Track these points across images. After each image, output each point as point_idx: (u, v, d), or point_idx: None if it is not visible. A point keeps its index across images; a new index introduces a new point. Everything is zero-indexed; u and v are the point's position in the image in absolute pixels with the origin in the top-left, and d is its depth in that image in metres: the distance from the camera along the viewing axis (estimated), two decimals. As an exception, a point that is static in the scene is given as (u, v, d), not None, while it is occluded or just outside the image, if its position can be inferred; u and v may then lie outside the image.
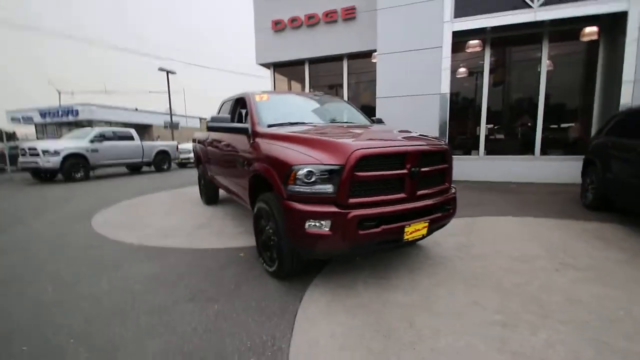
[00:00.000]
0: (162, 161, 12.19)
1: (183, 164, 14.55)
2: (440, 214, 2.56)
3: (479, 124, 7.59)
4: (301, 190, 2.21)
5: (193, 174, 10.64)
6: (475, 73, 7.92)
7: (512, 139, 7.77)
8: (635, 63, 5.88)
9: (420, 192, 2.44)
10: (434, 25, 7.02)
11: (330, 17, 8.28)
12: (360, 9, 8.04)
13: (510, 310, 2.12)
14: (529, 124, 7.46)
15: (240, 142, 3.30)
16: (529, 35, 7.17)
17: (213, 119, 3.19)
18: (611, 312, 2.08)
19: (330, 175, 2.16)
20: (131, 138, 10.98)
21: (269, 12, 8.88)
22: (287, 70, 9.71)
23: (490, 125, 7.80)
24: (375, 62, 7.72)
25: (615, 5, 5.92)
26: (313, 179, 2.17)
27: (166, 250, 3.42)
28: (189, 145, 14.65)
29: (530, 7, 6.44)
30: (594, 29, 6.72)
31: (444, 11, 6.92)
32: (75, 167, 9.25)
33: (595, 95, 6.86)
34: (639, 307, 2.12)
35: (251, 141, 3.03)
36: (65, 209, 5.62)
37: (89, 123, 23.76)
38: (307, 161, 2.21)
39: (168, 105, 20.43)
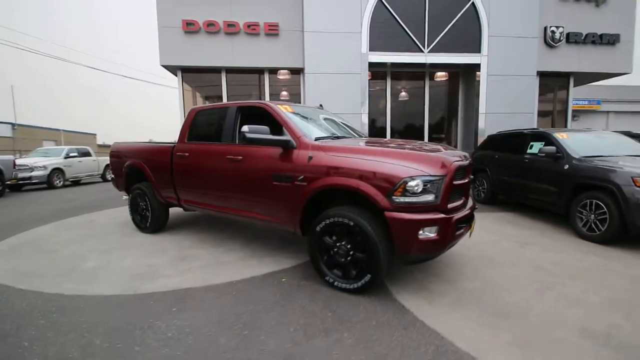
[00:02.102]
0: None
1: (18, 186, 10.54)
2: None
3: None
4: (411, 200, 2.33)
5: (49, 199, 8.10)
6: (382, 98, 9.37)
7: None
8: (486, 100, 8.46)
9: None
10: (354, 53, 8.00)
11: (252, 29, 8.08)
12: (284, 27, 8.23)
13: (512, 274, 2.86)
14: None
15: (272, 157, 2.99)
16: (418, 72, 9.16)
17: (252, 130, 2.77)
18: (571, 264, 3.12)
19: (431, 184, 2.37)
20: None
21: (178, 9, 7.86)
22: (197, 77, 8.75)
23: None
24: (293, 79, 8.07)
25: (473, 58, 8.40)
26: (420, 190, 2.33)
27: (184, 293, 2.67)
28: (31, 160, 10.92)
29: (422, 51, 8.28)
30: (455, 70, 9.26)
31: (362, 44, 8.01)
32: None
33: (458, 118, 9.39)
34: (572, 260, 3.26)
35: (295, 155, 2.83)
36: None
37: None
38: (415, 173, 2.34)
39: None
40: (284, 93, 9.07)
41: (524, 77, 8.63)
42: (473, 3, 8.24)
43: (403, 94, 9.46)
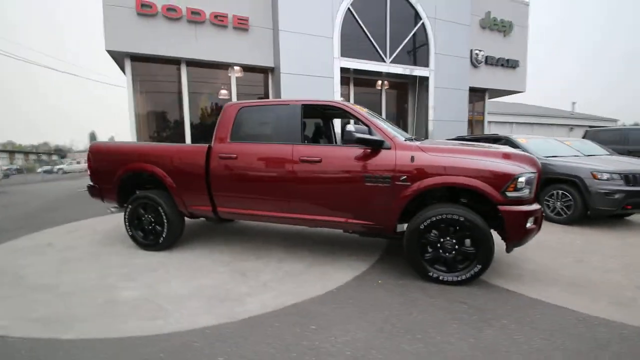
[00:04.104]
0: None
1: None
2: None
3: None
4: (519, 195, 2.61)
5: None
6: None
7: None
8: (434, 109, 9.63)
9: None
10: (327, 58, 8.12)
11: (220, 21, 7.37)
12: (254, 22, 7.76)
13: (544, 254, 3.52)
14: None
15: (359, 158, 2.90)
16: (374, 80, 9.83)
17: (358, 130, 2.63)
18: (567, 242, 3.94)
19: (530, 180, 2.70)
20: None
21: (130, -13, 6.64)
22: (150, 67, 7.49)
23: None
24: (258, 78, 7.71)
25: (424, 71, 9.47)
26: (524, 185, 2.64)
27: (299, 309, 2.38)
28: None
29: (385, 61, 8.94)
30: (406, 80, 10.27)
31: (334, 49, 8.19)
32: None
33: (408, 124, 10.41)
34: (566, 239, 4.13)
35: (392, 156, 2.83)
36: None
37: None
38: (522, 171, 2.62)
39: None
40: (224, 92, 8.37)
41: (461, 90, 10.15)
42: (423, 24, 9.31)
43: (363, 100, 10.00)
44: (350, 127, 2.69)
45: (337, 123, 5.49)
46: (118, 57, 7.27)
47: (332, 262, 3.36)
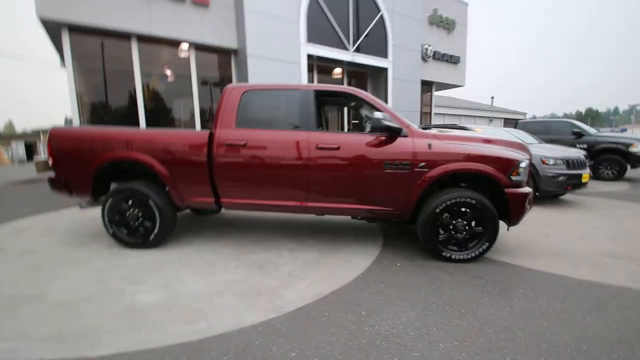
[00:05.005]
0: None
1: None
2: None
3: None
4: (519, 179, 2.95)
5: None
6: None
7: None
8: (393, 98, 10.09)
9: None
10: (294, 42, 7.91)
11: (177, -7, 6.64)
12: (216, -2, 7.16)
13: (523, 231, 4.10)
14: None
15: (377, 145, 2.96)
16: (334, 67, 9.89)
17: (385, 118, 2.65)
18: (536, 219, 4.61)
19: (526, 165, 3.06)
20: None
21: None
22: (94, 42, 6.41)
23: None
24: (222, 59, 7.23)
25: (383, 62, 9.81)
26: (523, 170, 2.99)
27: (339, 297, 2.38)
28: None
29: (348, 50, 9.03)
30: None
31: (300, 34, 8.00)
32: None
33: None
34: (534, 216, 4.83)
35: (411, 143, 2.95)
36: None
37: None
38: (522, 157, 2.96)
39: None
40: (168, 72, 7.68)
41: (414, 82, 10.80)
42: (382, 15, 9.60)
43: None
44: (379, 114, 2.72)
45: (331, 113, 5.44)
46: (53, 29, 6.09)
47: (342, 248, 3.40)
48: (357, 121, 9.86)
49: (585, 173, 5.54)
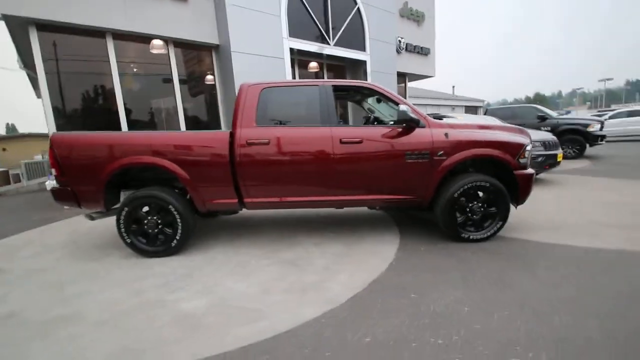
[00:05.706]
0: None
1: None
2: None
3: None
4: (526, 161, 3.23)
5: None
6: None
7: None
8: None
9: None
10: (276, 37, 7.81)
11: (153, -13, 6.28)
12: (194, -7, 6.86)
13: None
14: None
15: (396, 136, 3.09)
16: (314, 61, 9.90)
17: (409, 110, 2.77)
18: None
19: (530, 149, 3.34)
20: None
21: None
22: (66, 40, 5.89)
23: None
24: (206, 56, 7.01)
25: (362, 55, 9.97)
26: (528, 153, 3.27)
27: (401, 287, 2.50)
28: None
29: (329, 44, 9.07)
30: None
31: (282, 28, 7.91)
32: None
33: (349, 105, 10.91)
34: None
35: (429, 133, 3.11)
36: None
37: None
38: (527, 142, 3.24)
39: None
40: (145, 70, 7.40)
41: (391, 74, 11.08)
42: (358, 8, 9.72)
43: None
44: (403, 107, 2.85)
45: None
46: (18, 26, 5.54)
47: (363, 238, 3.52)
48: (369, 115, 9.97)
49: (560, 153, 6.08)
